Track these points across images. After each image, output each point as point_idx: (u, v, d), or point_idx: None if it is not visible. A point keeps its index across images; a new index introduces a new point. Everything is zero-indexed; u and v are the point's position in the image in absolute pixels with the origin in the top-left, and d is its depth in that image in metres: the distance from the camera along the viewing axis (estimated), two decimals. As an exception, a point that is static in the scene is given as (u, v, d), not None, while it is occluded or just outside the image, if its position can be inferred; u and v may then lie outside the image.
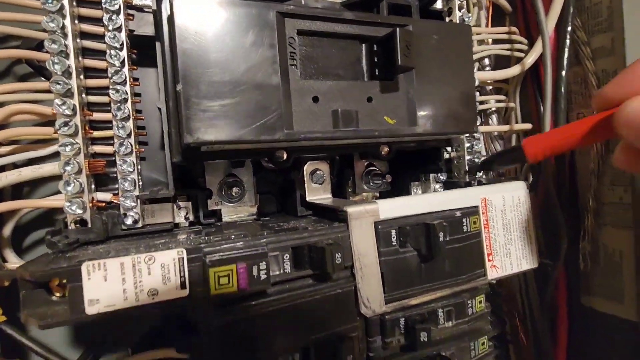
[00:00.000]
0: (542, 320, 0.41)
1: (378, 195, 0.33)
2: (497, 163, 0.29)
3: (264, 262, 0.20)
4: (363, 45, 0.25)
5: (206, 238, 0.22)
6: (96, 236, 0.23)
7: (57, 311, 0.18)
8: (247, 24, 0.21)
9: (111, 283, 0.18)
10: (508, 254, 0.29)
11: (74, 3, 0.24)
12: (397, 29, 0.22)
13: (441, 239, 0.24)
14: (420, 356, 0.25)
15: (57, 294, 0.19)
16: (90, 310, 0.18)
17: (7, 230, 0.25)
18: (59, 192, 0.26)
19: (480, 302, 0.28)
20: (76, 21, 0.24)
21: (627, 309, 0.35)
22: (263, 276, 0.20)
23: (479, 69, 0.43)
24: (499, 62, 0.43)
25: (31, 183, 0.28)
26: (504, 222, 0.29)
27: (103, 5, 0.24)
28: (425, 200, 0.26)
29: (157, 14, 0.23)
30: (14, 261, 0.25)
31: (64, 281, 0.18)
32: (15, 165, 0.25)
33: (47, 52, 0.23)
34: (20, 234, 0.28)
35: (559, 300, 0.39)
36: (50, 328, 0.17)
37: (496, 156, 0.29)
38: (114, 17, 0.24)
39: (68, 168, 0.22)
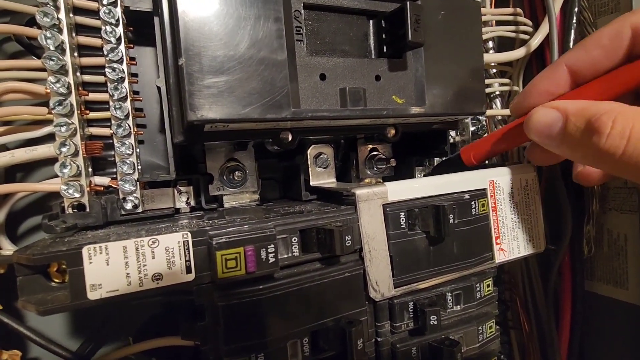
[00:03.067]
0: (545, 306, 0.41)
1: (381, 180, 0.32)
2: (440, 169, 0.31)
3: (272, 245, 0.19)
4: (370, 21, 0.24)
5: (210, 222, 0.21)
6: (95, 221, 0.22)
7: (57, 297, 0.18)
8: (251, -4, 0.20)
9: (113, 267, 0.17)
10: (515, 237, 0.28)
11: (66, -25, 0.22)
12: (408, 3, 0.21)
13: (451, 221, 0.24)
14: (429, 340, 0.24)
15: (57, 280, 0.19)
16: (93, 295, 0.17)
17: (1, 216, 0.24)
18: (54, 177, 0.25)
19: (488, 285, 0.27)
20: (69, -5, 0.23)
21: (631, 294, 0.35)
22: (272, 259, 0.19)
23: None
24: (503, 44, 0.43)
25: (25, 167, 0.27)
26: (511, 205, 0.28)
27: (97, -22, 0.23)
28: (433, 183, 0.25)
29: (155, -13, 0.22)
30: (8, 248, 0.24)
31: (63, 266, 0.18)
32: (6, 148, 0.23)
33: (38, 27, 0.22)
34: (14, 220, 0.27)
35: (562, 285, 0.39)
36: (50, 314, 0.17)
37: (440, 164, 0.32)
38: (108, -10, 0.23)
39: (64, 149, 0.21)
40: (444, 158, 0.32)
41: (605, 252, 0.37)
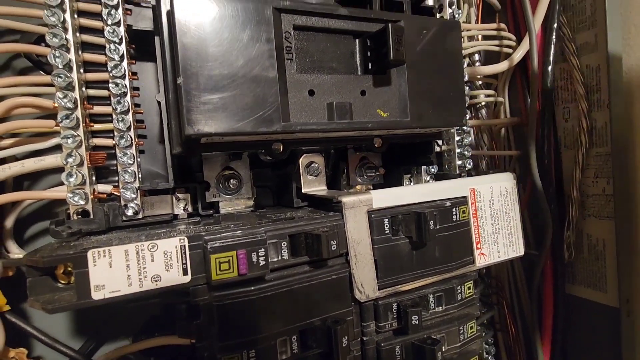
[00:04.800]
0: (530, 309, 0.42)
1: (372, 187, 0.34)
2: None
3: (262, 249, 0.21)
4: (357, 40, 0.26)
5: (206, 228, 0.23)
6: (98, 226, 0.24)
7: (63, 297, 0.19)
8: (244, 19, 0.21)
9: (116, 269, 0.19)
10: (495, 242, 0.30)
11: (74, -3, 0.24)
12: (390, 24, 0.23)
13: (431, 227, 0.25)
14: (412, 339, 0.26)
15: (63, 281, 0.20)
16: (96, 295, 0.19)
17: (10, 221, 0.25)
18: (59, 185, 0.27)
19: (469, 288, 0.29)
20: (76, 15, 0.24)
21: (609, 297, 0.37)
22: (262, 262, 0.21)
23: (469, 64, 0.44)
24: (489, 57, 0.45)
25: (32, 175, 0.28)
26: (491, 211, 0.30)
27: (102, 0, 0.25)
28: (416, 191, 0.27)
29: (156, 9, 0.24)
30: (16, 252, 0.25)
31: (69, 268, 0.19)
32: (15, 158, 0.25)
33: (46, 45, 0.24)
34: (21, 225, 0.28)
35: (545, 288, 0.41)
36: (57, 312, 0.18)
37: None
38: (112, 11, 0.25)
39: (70, 160, 0.23)
40: None
41: (585, 256, 0.39)
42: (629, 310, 0.35)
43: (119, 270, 0.19)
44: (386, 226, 0.25)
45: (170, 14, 0.21)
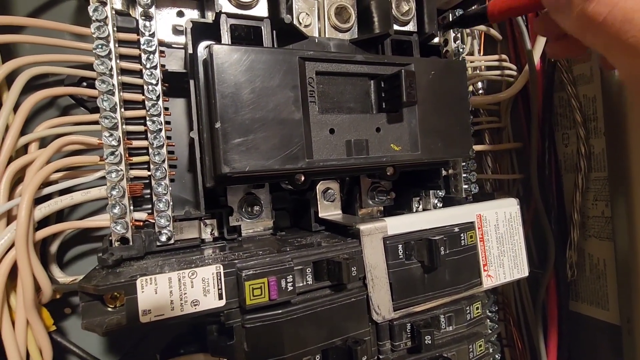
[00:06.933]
0: (535, 325, 0.44)
1: (382, 209, 0.36)
2: (463, 21, 0.33)
3: (290, 276, 0.23)
4: (372, 81, 0.29)
5: (235, 254, 0.25)
6: (137, 252, 0.26)
7: (112, 320, 0.21)
8: (274, 68, 0.24)
9: (161, 295, 0.21)
10: (501, 264, 0.32)
11: (117, 45, 0.27)
12: (402, 70, 0.26)
13: (442, 252, 0.27)
14: (425, 358, 0.27)
15: (111, 305, 0.22)
16: (144, 319, 0.21)
17: (54, 247, 0.28)
18: (95, 211, 0.29)
19: (477, 308, 0.31)
20: (118, 61, 0.27)
21: (611, 314, 0.39)
22: (290, 287, 0.23)
23: (473, 93, 0.46)
24: (492, 85, 0.47)
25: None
26: (497, 235, 0.32)
27: (141, 47, 0.27)
28: (427, 218, 0.29)
29: (192, 56, 0.26)
30: (58, 275, 0.28)
31: (116, 293, 0.21)
32: (60, 192, 0.27)
33: (88, 86, 0.27)
34: (61, 249, 0.30)
35: (549, 305, 0.42)
36: (109, 335, 0.20)
37: (463, 15, 0.33)
38: (151, 56, 0.27)
39: (114, 192, 0.25)
40: (469, 10, 0.34)
41: (588, 275, 0.41)
42: (630, 329, 0.36)
43: (163, 296, 0.21)
44: (400, 252, 0.27)
45: (209, 64, 0.24)
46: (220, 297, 0.22)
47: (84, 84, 0.30)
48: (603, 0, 0.19)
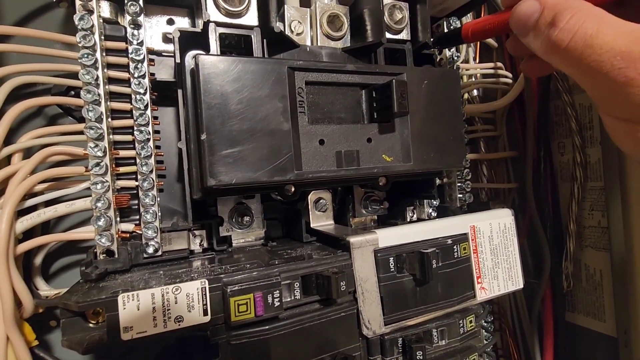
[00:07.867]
0: (532, 336, 0.43)
1: (376, 218, 0.36)
2: (440, 42, 0.33)
3: (277, 291, 0.22)
4: (363, 91, 0.28)
5: (223, 267, 0.24)
6: (122, 265, 0.25)
7: (93, 337, 0.21)
8: (262, 79, 0.23)
9: (143, 312, 0.21)
10: (495, 276, 0.32)
11: (104, 54, 0.26)
12: (393, 80, 0.25)
13: (434, 265, 0.27)
14: (417, 373, 0.27)
15: (92, 321, 0.22)
16: (125, 336, 0.20)
17: (38, 260, 0.27)
18: (81, 222, 0.29)
19: (470, 321, 0.30)
20: (105, 70, 0.27)
21: (608, 326, 0.38)
22: (277, 303, 0.22)
23: (468, 101, 0.46)
24: (487, 93, 0.47)
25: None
26: (491, 247, 0.32)
27: (129, 55, 0.27)
28: (419, 229, 0.29)
29: (180, 66, 0.26)
30: (43, 288, 0.27)
31: (99, 310, 0.21)
32: (45, 203, 0.27)
33: (75, 95, 0.26)
34: (46, 261, 0.30)
35: (545, 316, 0.42)
36: (89, 353, 0.20)
37: (441, 37, 0.33)
38: (139, 65, 0.27)
39: (99, 204, 0.25)
40: (445, 30, 0.35)
41: (584, 285, 0.40)
42: (626, 341, 0.36)
43: (146, 313, 0.21)
44: (391, 264, 0.27)
45: (195, 74, 0.23)
46: (205, 313, 0.22)
47: (72, 92, 0.30)
48: (565, 27, 0.20)
